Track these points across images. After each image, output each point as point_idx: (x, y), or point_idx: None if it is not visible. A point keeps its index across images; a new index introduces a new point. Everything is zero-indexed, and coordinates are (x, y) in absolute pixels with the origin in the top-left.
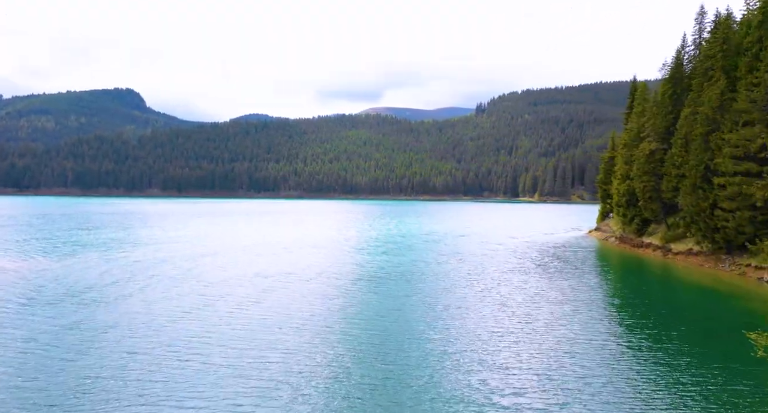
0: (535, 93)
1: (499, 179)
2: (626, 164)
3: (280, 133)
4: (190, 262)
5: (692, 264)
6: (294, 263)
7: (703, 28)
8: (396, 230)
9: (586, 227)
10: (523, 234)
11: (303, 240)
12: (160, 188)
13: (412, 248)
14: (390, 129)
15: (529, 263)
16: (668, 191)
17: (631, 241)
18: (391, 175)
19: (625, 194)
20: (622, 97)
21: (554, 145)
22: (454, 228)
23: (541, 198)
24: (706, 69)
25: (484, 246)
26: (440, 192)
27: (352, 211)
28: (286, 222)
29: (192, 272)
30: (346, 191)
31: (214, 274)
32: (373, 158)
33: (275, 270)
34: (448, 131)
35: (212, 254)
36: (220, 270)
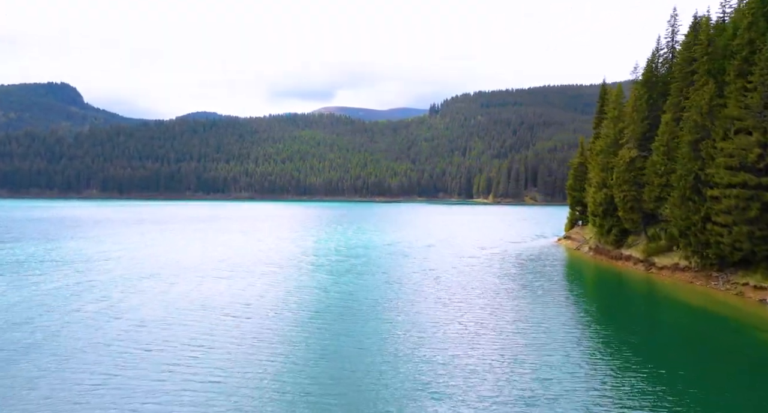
0: (487, 95)
1: (454, 180)
2: (603, 172)
3: (229, 132)
4: (121, 291)
5: (680, 281)
6: (245, 291)
7: (676, 31)
8: (357, 240)
9: (550, 233)
10: (491, 243)
11: (255, 256)
12: (100, 190)
13: (379, 264)
14: (344, 129)
15: (508, 281)
16: (650, 201)
17: (608, 253)
18: (346, 176)
19: (602, 203)
20: (569, 100)
21: (506, 146)
22: (419, 237)
23: (495, 200)
24: (686, 73)
25: (455, 260)
26: (395, 193)
27: (307, 216)
28: (236, 231)
29: (121, 307)
30: (300, 192)
31: (149, 309)
32: (327, 158)
33: (223, 301)
34: (402, 132)
35: (148, 278)
36: (156, 303)
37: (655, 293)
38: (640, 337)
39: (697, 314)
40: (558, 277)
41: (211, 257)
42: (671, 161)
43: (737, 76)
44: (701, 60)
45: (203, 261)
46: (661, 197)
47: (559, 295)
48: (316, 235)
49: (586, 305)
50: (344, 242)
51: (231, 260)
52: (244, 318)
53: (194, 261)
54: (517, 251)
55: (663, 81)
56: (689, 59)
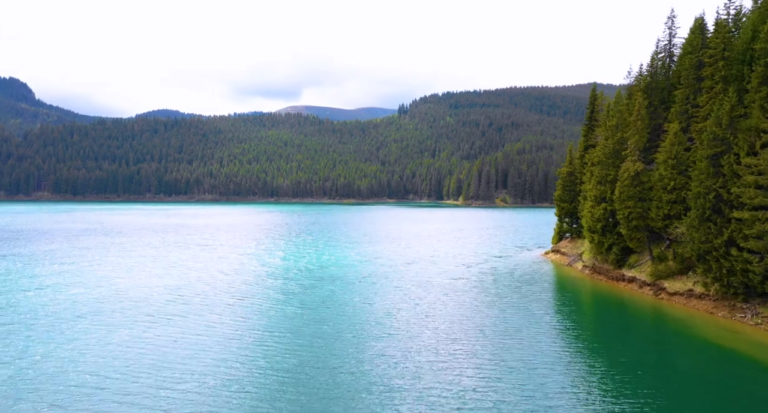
0: (455, 96)
1: (424, 182)
2: (601, 185)
3: (192, 131)
4: (40, 337)
5: (697, 310)
6: (203, 338)
7: (673, 33)
8: (330, 256)
9: (533, 244)
10: (474, 259)
11: (214, 283)
12: (52, 191)
13: (358, 291)
14: (312, 129)
15: (505, 311)
16: (658, 220)
17: (607, 273)
18: (314, 177)
19: (600, 219)
20: (535, 101)
21: (475, 148)
22: (397, 252)
23: (466, 202)
24: (693, 79)
25: (443, 283)
26: (365, 195)
27: (274, 224)
28: (195, 245)
29: (27, 375)
30: (267, 194)
31: (73, 375)
32: (295, 159)
33: (175, 358)
34: (371, 132)
35: (76, 323)
36: (82, 366)
37: (669, 324)
38: (658, 382)
39: (723, 354)
40: (556, 302)
41: (161, 288)
42: (681, 175)
43: (761, 83)
44: (717, 65)
45: (151, 294)
46: (671, 214)
47: (560, 325)
48: (284, 250)
49: (592, 338)
50: (316, 259)
51: (185, 290)
52: (202, 384)
53: (140, 295)
54: (505, 268)
55: (661, 87)
56: (696, 64)
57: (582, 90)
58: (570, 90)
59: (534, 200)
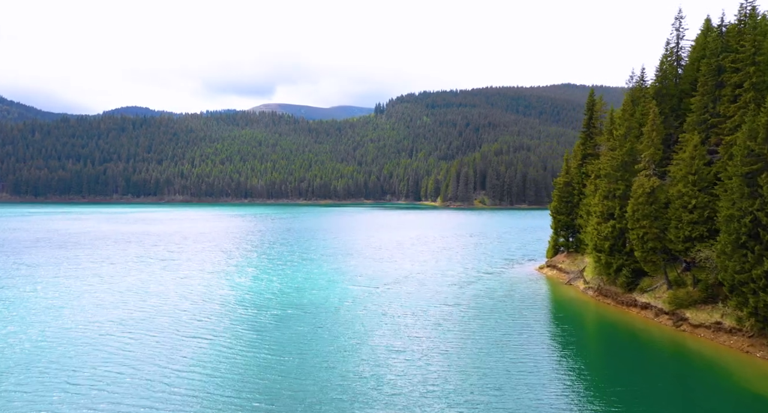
0: (432, 95)
1: (401, 183)
2: (607, 200)
3: (162, 130)
4: None
5: (727, 347)
6: (155, 392)
7: (681, 35)
8: (307, 275)
9: (521, 256)
10: (464, 276)
11: (174, 314)
12: (11, 193)
13: (345, 328)
14: (287, 128)
15: (511, 343)
16: (678, 242)
17: (616, 296)
18: (290, 178)
19: (608, 238)
20: (510, 102)
21: (453, 148)
22: (379, 269)
23: (444, 203)
24: (712, 85)
25: (435, 312)
26: (342, 196)
27: (246, 231)
28: (157, 260)
29: None
30: (241, 195)
31: None
32: (269, 159)
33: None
34: (347, 132)
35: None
36: None
37: (695, 362)
38: None
39: (763, 401)
40: (564, 333)
41: (111, 326)
42: (703, 192)
43: None
44: (747, 71)
45: (96, 339)
46: (692, 236)
47: (573, 364)
48: (256, 266)
49: (609, 377)
50: (291, 279)
51: (138, 328)
52: None
53: (81, 340)
54: (500, 288)
55: (672, 94)
56: (715, 69)
57: (556, 91)
58: (545, 90)
59: (512, 202)
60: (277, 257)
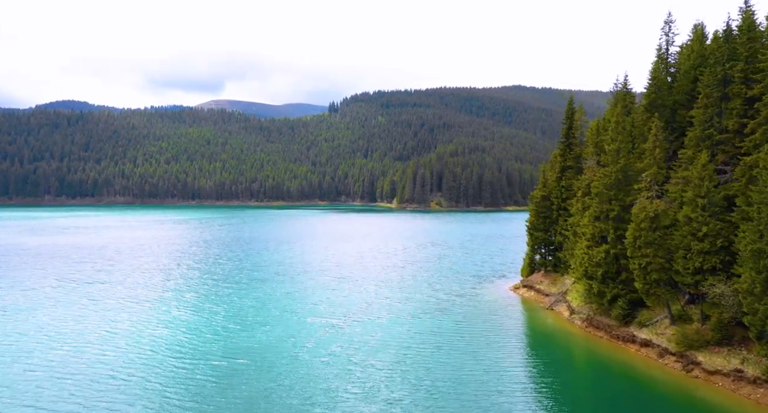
0: (387, 95)
1: (356, 184)
2: (599, 221)
3: (101, 126)
4: None
5: (753, 400)
6: None
7: (671, 41)
8: (259, 307)
9: (489, 270)
10: (434, 301)
11: (86, 384)
12: None
13: (311, 397)
14: (237, 127)
15: (491, 390)
16: (687, 275)
17: (610, 330)
18: (240, 178)
19: (601, 264)
20: (464, 102)
21: (408, 149)
22: (341, 297)
23: (400, 205)
24: (718, 97)
25: (407, 351)
26: (295, 197)
27: (188, 241)
28: (81, 283)
29: None
30: (188, 196)
31: None
32: (219, 158)
33: None
34: (300, 131)
35: None
36: None
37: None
38: None
39: None
40: (552, 373)
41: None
42: (714, 218)
43: None
44: (767, 83)
45: None
46: (703, 268)
47: None
48: (197, 292)
49: None
50: (239, 311)
51: (36, 391)
52: None
53: None
54: (472, 314)
55: (666, 104)
56: (721, 79)
57: (507, 92)
58: (497, 92)
59: (468, 204)
60: (222, 278)
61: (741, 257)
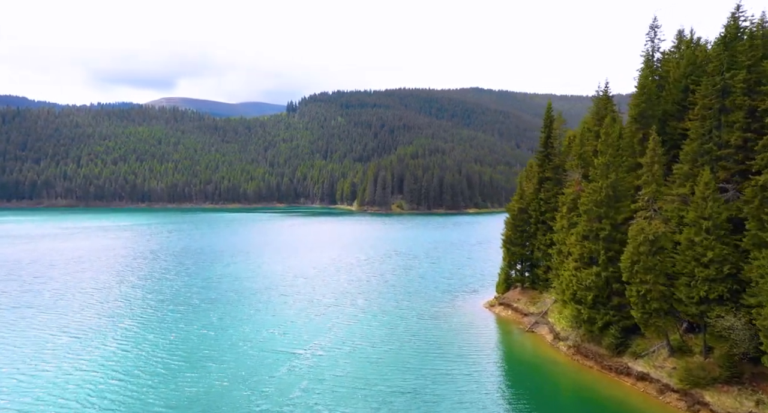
0: (346, 95)
1: (316, 186)
2: (588, 241)
3: (41, 124)
4: None
5: None
6: None
7: (657, 47)
8: (210, 339)
9: (460, 284)
10: (401, 322)
11: None
12: None
13: None
14: (191, 126)
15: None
16: (691, 304)
17: (600, 359)
18: (194, 180)
19: (591, 288)
20: (423, 104)
21: (369, 150)
22: (306, 322)
23: (361, 208)
24: (717, 109)
25: (380, 388)
26: (252, 200)
27: (132, 254)
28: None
29: None
30: (137, 199)
31: None
32: (171, 159)
33: None
34: (258, 131)
35: None
36: None
37: None
38: None
39: None
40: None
41: None
42: (719, 241)
43: None
44: None
45: None
46: (709, 297)
47: None
48: (136, 321)
49: None
50: (184, 344)
51: None
52: None
53: None
54: (446, 338)
55: (654, 115)
56: (720, 90)
57: (466, 94)
58: (455, 93)
59: (429, 206)
60: (168, 299)
61: (758, 288)
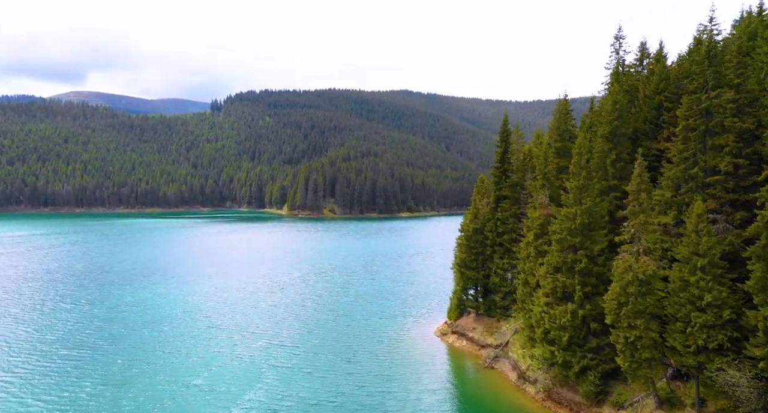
0: (274, 94)
1: (243, 189)
2: (561, 274)
3: None
4: None
5: None
6: None
7: (622, 59)
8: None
9: (401, 303)
10: (342, 352)
11: None
12: None
13: None
14: (103, 123)
15: None
16: (688, 355)
17: (578, 408)
18: (107, 182)
19: (567, 328)
20: (354, 105)
21: (299, 151)
22: (234, 369)
23: (291, 212)
24: (702, 132)
25: None
26: (173, 203)
27: (18, 273)
28: None
29: None
30: (40, 202)
31: None
32: (79, 159)
33: None
34: (179, 130)
35: None
36: None
37: None
38: None
39: None
40: None
41: None
42: (716, 282)
43: None
44: None
45: None
46: (707, 346)
47: None
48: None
49: None
50: None
51: None
52: None
53: None
54: (388, 371)
55: (626, 134)
56: (705, 109)
57: (395, 96)
58: (385, 95)
59: (362, 210)
60: (57, 341)
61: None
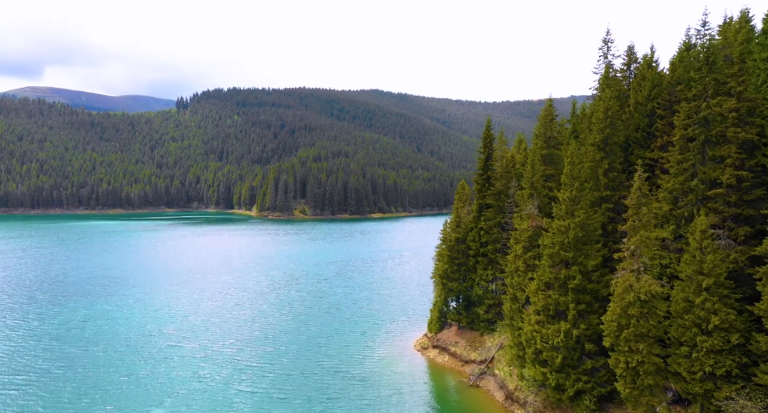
0: (243, 93)
1: (211, 189)
2: (552, 290)
3: None
4: None
5: None
6: None
7: (610, 63)
8: None
9: (379, 313)
10: (316, 370)
11: None
12: None
13: None
14: (61, 121)
15: None
16: (694, 382)
17: None
18: (65, 182)
19: (561, 349)
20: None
21: (268, 151)
22: (199, 395)
23: (261, 213)
24: (702, 142)
25: None
26: (137, 205)
27: None
28: None
29: None
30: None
31: None
32: (35, 158)
33: None
34: (143, 128)
35: None
36: None
37: None
38: None
39: None
40: None
41: None
42: (722, 303)
43: None
44: None
45: None
46: (715, 373)
47: None
48: None
49: None
50: None
51: None
52: None
53: None
54: (366, 392)
55: (618, 142)
56: (704, 118)
57: (366, 96)
58: (356, 95)
59: (334, 211)
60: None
61: None
